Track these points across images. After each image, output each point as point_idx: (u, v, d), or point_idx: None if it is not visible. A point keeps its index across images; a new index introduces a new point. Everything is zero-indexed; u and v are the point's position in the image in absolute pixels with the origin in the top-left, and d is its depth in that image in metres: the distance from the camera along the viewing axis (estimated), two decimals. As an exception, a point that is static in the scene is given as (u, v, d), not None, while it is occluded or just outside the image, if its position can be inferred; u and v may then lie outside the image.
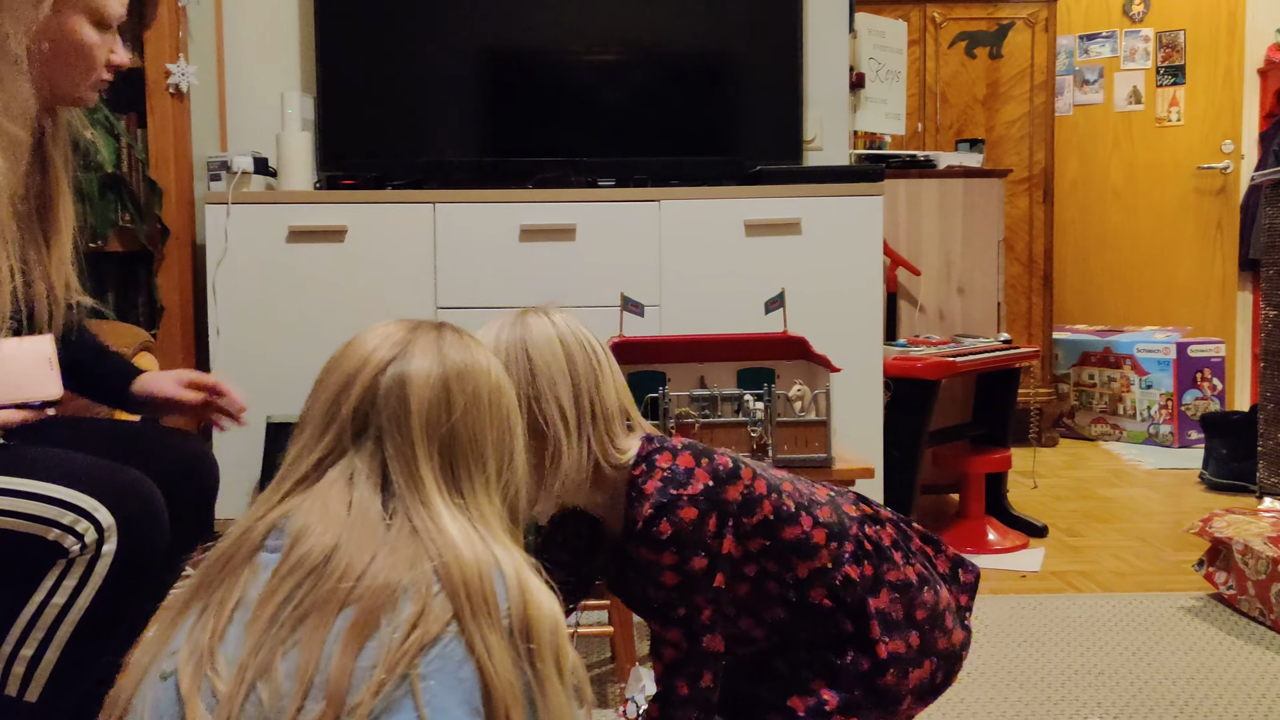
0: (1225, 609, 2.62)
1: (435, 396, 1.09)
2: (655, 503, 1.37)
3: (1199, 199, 5.22)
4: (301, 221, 2.92)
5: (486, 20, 3.27)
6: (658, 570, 1.36)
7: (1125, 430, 4.85)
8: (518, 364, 1.38)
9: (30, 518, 1.39)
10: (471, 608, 1.00)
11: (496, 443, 1.13)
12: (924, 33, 4.63)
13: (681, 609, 1.37)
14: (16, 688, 1.39)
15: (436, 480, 1.07)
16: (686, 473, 1.38)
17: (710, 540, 1.37)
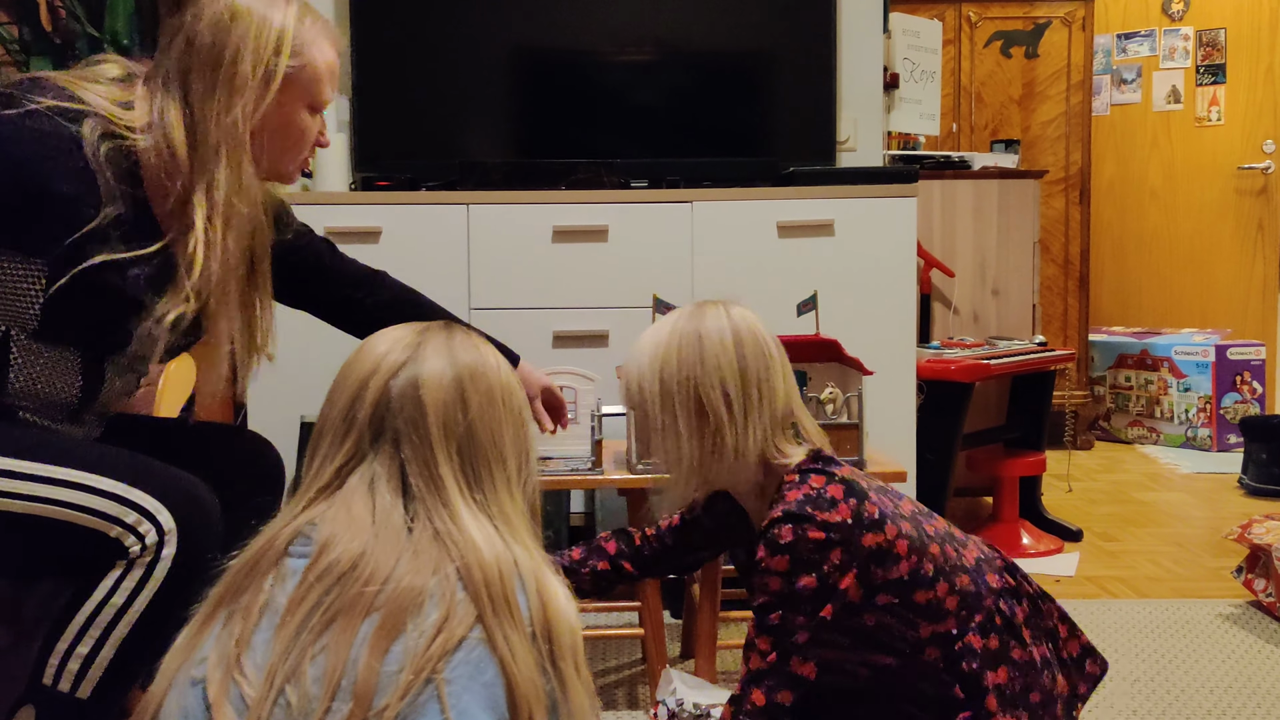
0: (1265, 616, 2.58)
1: (450, 397, 1.10)
2: (788, 510, 1.39)
3: (1239, 199, 5.15)
4: (337, 223, 2.93)
5: (520, 21, 3.28)
6: (766, 572, 1.38)
7: (1162, 433, 4.79)
8: (689, 348, 1.45)
9: (95, 513, 1.42)
10: (494, 608, 1.02)
11: (514, 440, 1.14)
12: (959, 32, 4.60)
13: (776, 616, 1.38)
14: (70, 684, 1.42)
15: (456, 480, 1.08)
16: (831, 501, 1.40)
17: (827, 570, 1.38)
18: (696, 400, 1.44)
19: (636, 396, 1.49)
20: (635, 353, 1.50)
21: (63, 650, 1.42)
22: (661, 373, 1.46)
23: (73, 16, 2.83)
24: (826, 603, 1.38)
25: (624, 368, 1.52)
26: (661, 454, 1.49)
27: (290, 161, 1.64)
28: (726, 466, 1.46)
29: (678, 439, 1.45)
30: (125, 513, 1.42)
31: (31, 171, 1.40)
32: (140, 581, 1.42)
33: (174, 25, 1.54)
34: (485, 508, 1.09)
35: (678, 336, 1.47)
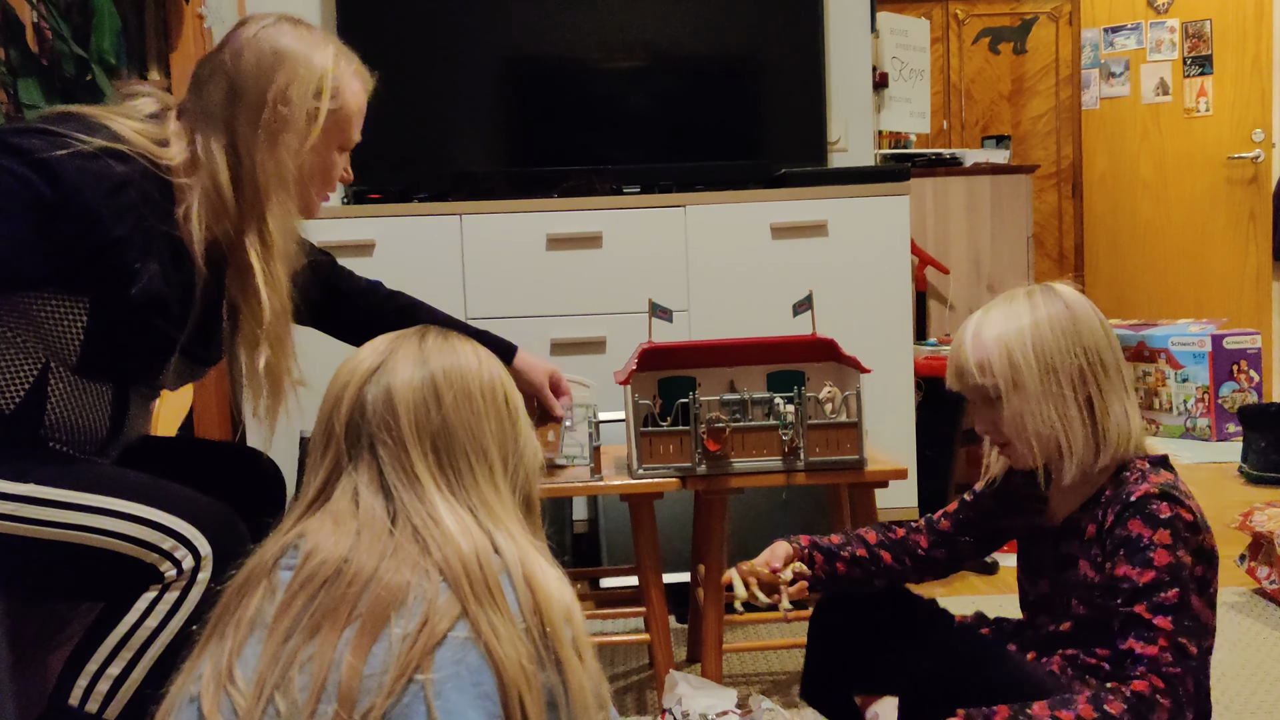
0: (1268, 604, 2.58)
1: (421, 397, 1.11)
2: (1160, 488, 1.39)
3: (1230, 189, 5.16)
4: (329, 236, 2.92)
5: (509, 31, 3.28)
6: (1147, 547, 1.36)
7: (1162, 424, 4.80)
8: (1063, 323, 1.46)
9: (135, 540, 1.43)
10: (476, 598, 1.01)
11: (498, 434, 1.14)
12: (947, 30, 4.61)
13: (1174, 594, 1.33)
14: (98, 705, 1.42)
15: (433, 477, 1.09)
16: (1187, 494, 1.41)
17: (1197, 550, 1.37)
18: (1079, 372, 1.44)
19: (1005, 372, 1.46)
20: (988, 331, 1.48)
21: (93, 671, 1.42)
22: (1036, 345, 1.45)
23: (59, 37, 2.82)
24: (1201, 588, 1.38)
25: (973, 348, 1.49)
26: (1034, 427, 1.46)
27: (318, 197, 1.67)
28: (1092, 441, 1.45)
29: (1062, 409, 1.44)
30: (163, 539, 1.44)
31: (90, 215, 1.40)
32: (175, 605, 1.44)
33: (212, 64, 1.56)
34: (465, 500, 1.09)
35: (1043, 313, 1.47)
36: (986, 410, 1.52)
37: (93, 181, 1.39)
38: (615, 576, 2.66)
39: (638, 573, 2.14)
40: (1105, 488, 1.46)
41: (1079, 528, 1.48)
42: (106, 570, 1.43)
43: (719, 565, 2.11)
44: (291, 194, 1.55)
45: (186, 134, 1.52)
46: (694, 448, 2.02)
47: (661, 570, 2.13)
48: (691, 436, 2.02)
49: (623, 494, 2.10)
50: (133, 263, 1.44)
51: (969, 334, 1.51)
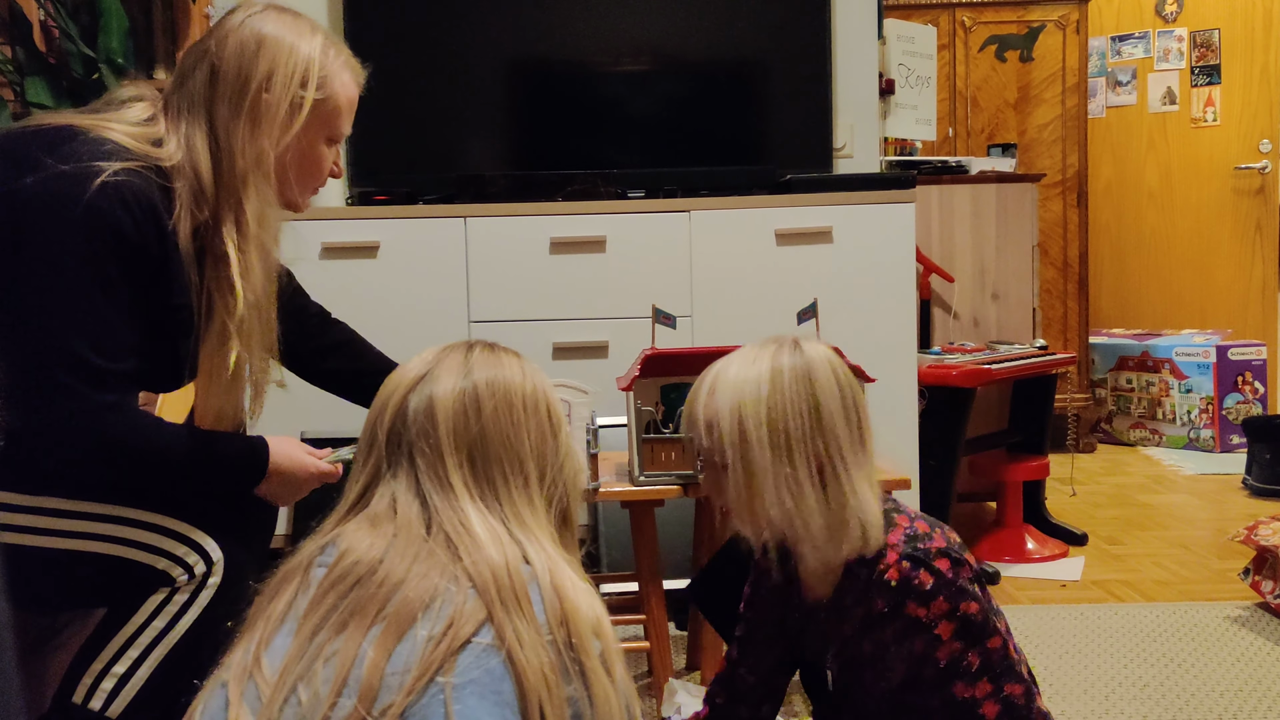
0: (1273, 619, 2.57)
1: (460, 406, 1.13)
2: (905, 554, 1.31)
3: (1237, 200, 5.15)
4: (334, 238, 2.93)
5: (516, 34, 3.28)
6: (931, 624, 1.31)
7: (1165, 435, 4.78)
8: (800, 386, 1.35)
9: (146, 548, 1.44)
10: (502, 602, 1.02)
11: (536, 447, 1.15)
12: (953, 37, 4.60)
13: (975, 657, 1.31)
14: (101, 702, 1.42)
15: (467, 485, 1.10)
16: (926, 534, 1.35)
17: (970, 589, 1.33)
18: (815, 443, 1.32)
19: (732, 438, 1.33)
20: (724, 388, 1.35)
21: (98, 670, 1.43)
22: (770, 412, 1.32)
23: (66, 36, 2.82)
24: (988, 621, 1.35)
25: (705, 404, 1.36)
26: (764, 503, 1.33)
27: (305, 192, 1.63)
28: (830, 515, 1.33)
29: (795, 488, 1.31)
30: (175, 545, 1.44)
31: (139, 240, 1.40)
32: (184, 607, 1.44)
33: (197, 51, 1.53)
34: (497, 511, 1.10)
35: (785, 372, 1.33)
36: (711, 473, 1.38)
37: (124, 208, 1.38)
38: (615, 583, 2.65)
39: (638, 580, 2.14)
40: (851, 564, 1.35)
41: (843, 609, 1.38)
42: (118, 577, 1.44)
43: (720, 573, 2.10)
44: (271, 183, 1.51)
45: (174, 128, 1.49)
46: (696, 455, 2.01)
47: (661, 577, 2.12)
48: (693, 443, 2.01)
49: (624, 501, 2.09)
50: (172, 276, 1.44)
51: (705, 384, 1.38)
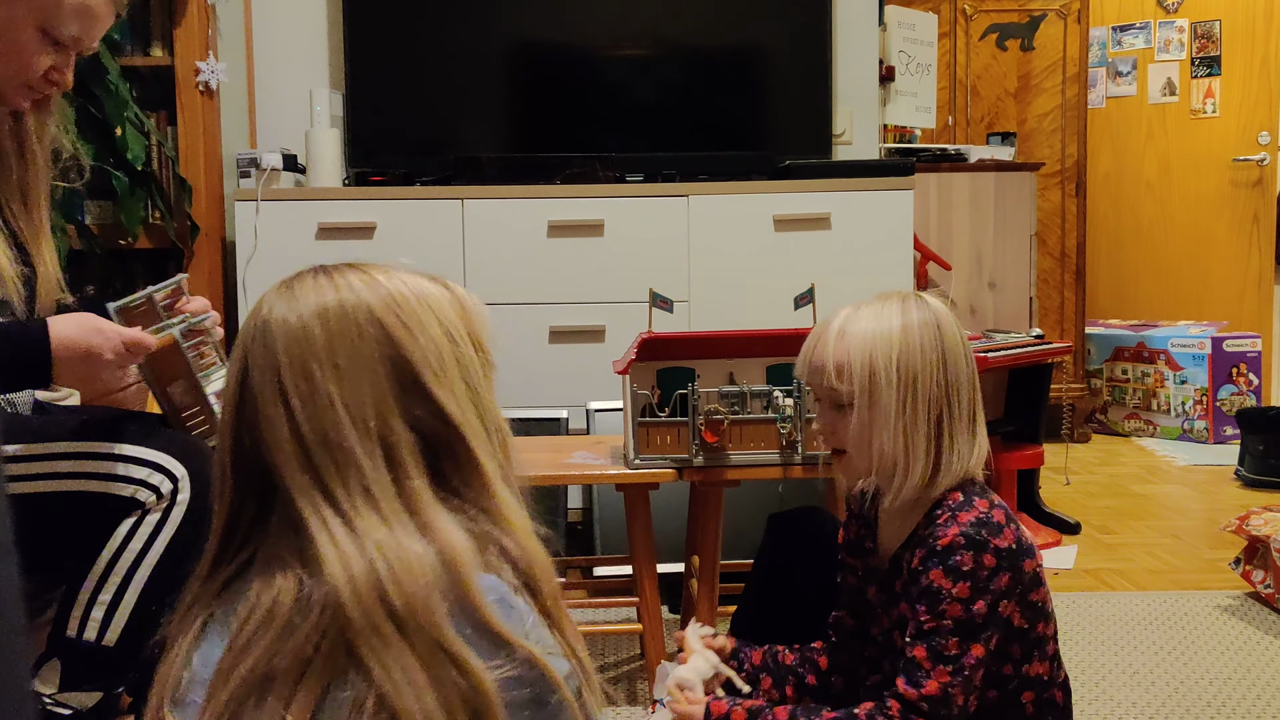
0: (1263, 608, 2.58)
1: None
2: (965, 534, 1.34)
3: (1235, 191, 5.15)
4: (331, 218, 2.92)
5: (515, 16, 3.27)
6: (943, 599, 1.34)
7: (1159, 426, 4.79)
8: (931, 339, 1.40)
9: (105, 477, 1.42)
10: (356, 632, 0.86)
11: (371, 392, 0.93)
12: (954, 25, 4.59)
13: (955, 647, 1.33)
14: (95, 632, 1.42)
15: (299, 478, 0.92)
16: (998, 526, 1.37)
17: (998, 595, 1.35)
18: (936, 394, 1.38)
19: (863, 380, 1.38)
20: (854, 330, 1.40)
21: (85, 600, 1.43)
22: (901, 357, 1.38)
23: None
24: (995, 632, 1.35)
25: (835, 348, 1.40)
26: (879, 444, 1.39)
27: (8, 79, 1.49)
28: (930, 469, 1.38)
29: (912, 431, 1.38)
30: (134, 469, 1.43)
31: None
32: (157, 526, 1.43)
33: None
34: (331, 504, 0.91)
35: (915, 323, 1.39)
36: (831, 414, 1.44)
37: None
38: (609, 566, 2.66)
39: (631, 563, 2.14)
40: (920, 526, 1.41)
41: (903, 567, 1.43)
42: (84, 514, 1.42)
43: (714, 557, 2.11)
44: None
45: None
46: (691, 439, 2.01)
47: (655, 561, 2.13)
48: (689, 428, 2.01)
49: (619, 484, 2.09)
50: None
51: (833, 330, 1.43)
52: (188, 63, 3.03)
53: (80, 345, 1.39)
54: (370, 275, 1.01)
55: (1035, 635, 1.41)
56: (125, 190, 2.91)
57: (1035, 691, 1.43)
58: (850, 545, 1.58)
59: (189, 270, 3.04)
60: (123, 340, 1.41)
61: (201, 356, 1.55)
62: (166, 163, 3.03)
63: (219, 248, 3.14)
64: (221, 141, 3.21)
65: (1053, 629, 1.45)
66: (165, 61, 3.06)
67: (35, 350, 1.37)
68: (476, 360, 0.98)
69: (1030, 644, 1.41)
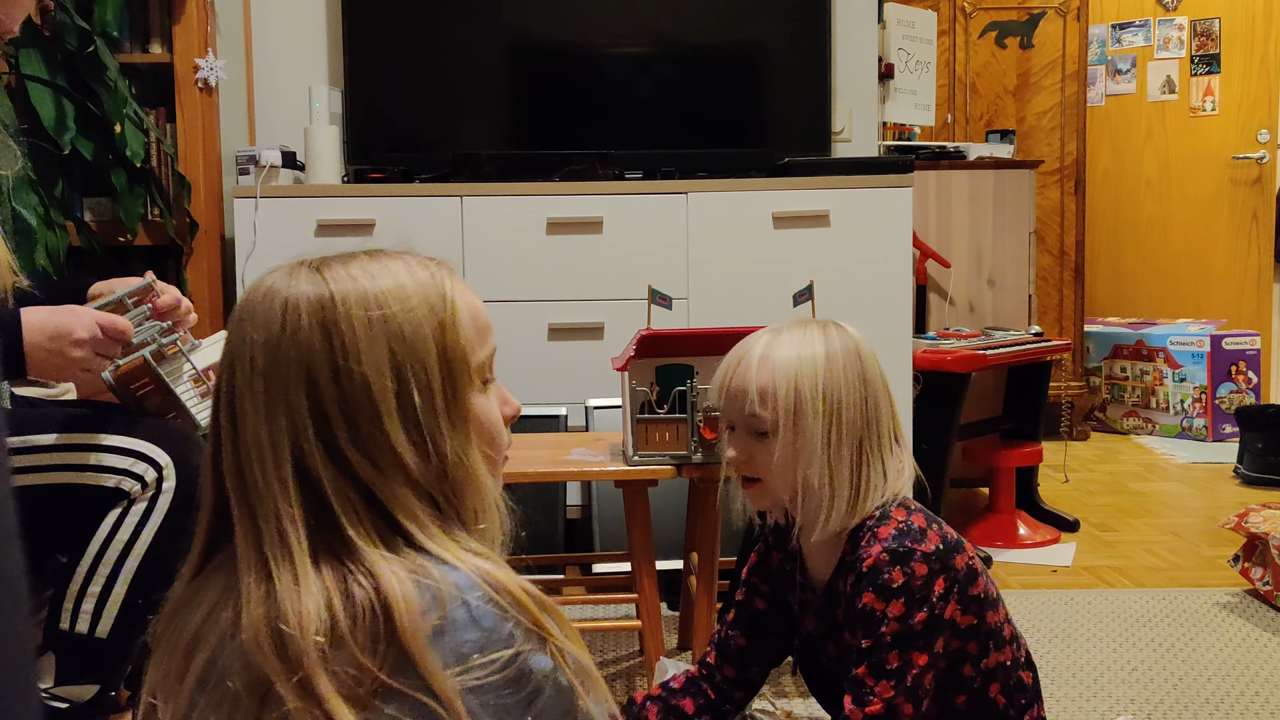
0: (1262, 605, 2.58)
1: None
2: (889, 549, 1.34)
3: (1234, 189, 5.15)
4: (329, 215, 2.92)
5: (514, 14, 3.26)
6: (880, 620, 1.33)
7: (1158, 424, 4.79)
8: (852, 367, 1.39)
9: (89, 468, 1.42)
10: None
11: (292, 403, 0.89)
12: (954, 23, 4.59)
13: (896, 660, 1.33)
14: (87, 625, 1.43)
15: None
16: (920, 531, 1.36)
17: (935, 600, 1.34)
18: (858, 423, 1.37)
19: (787, 407, 1.37)
20: (779, 356, 1.38)
21: (75, 592, 1.43)
22: (826, 385, 1.36)
23: (61, 8, 2.81)
24: (939, 636, 1.35)
25: (757, 374, 1.39)
26: (802, 475, 1.37)
27: None
28: (852, 500, 1.38)
29: (836, 461, 1.36)
30: (118, 460, 1.43)
31: None
32: (143, 516, 1.43)
33: None
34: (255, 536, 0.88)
35: (838, 350, 1.38)
36: (747, 442, 1.41)
37: None
38: (608, 563, 2.66)
39: (630, 559, 2.14)
40: (846, 552, 1.40)
41: (839, 594, 1.42)
42: (70, 507, 1.43)
43: (713, 553, 2.11)
44: None
45: None
46: (690, 436, 2.01)
47: (654, 557, 2.13)
48: (688, 424, 2.01)
49: (617, 480, 2.10)
50: None
51: (754, 355, 1.40)
52: (187, 60, 3.03)
53: (52, 331, 1.38)
54: (327, 282, 0.91)
55: (986, 627, 1.41)
56: (124, 187, 2.91)
57: (1001, 681, 1.43)
58: (769, 571, 1.57)
59: (188, 268, 3.04)
60: (97, 322, 1.41)
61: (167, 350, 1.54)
62: (165, 159, 3.03)
63: (218, 245, 3.14)
64: (220, 138, 3.21)
65: (1003, 613, 1.44)
66: (164, 58, 3.05)
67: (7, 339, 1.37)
68: (437, 387, 0.90)
69: (984, 637, 1.41)
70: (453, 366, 0.92)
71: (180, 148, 3.03)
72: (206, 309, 3.05)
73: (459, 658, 0.83)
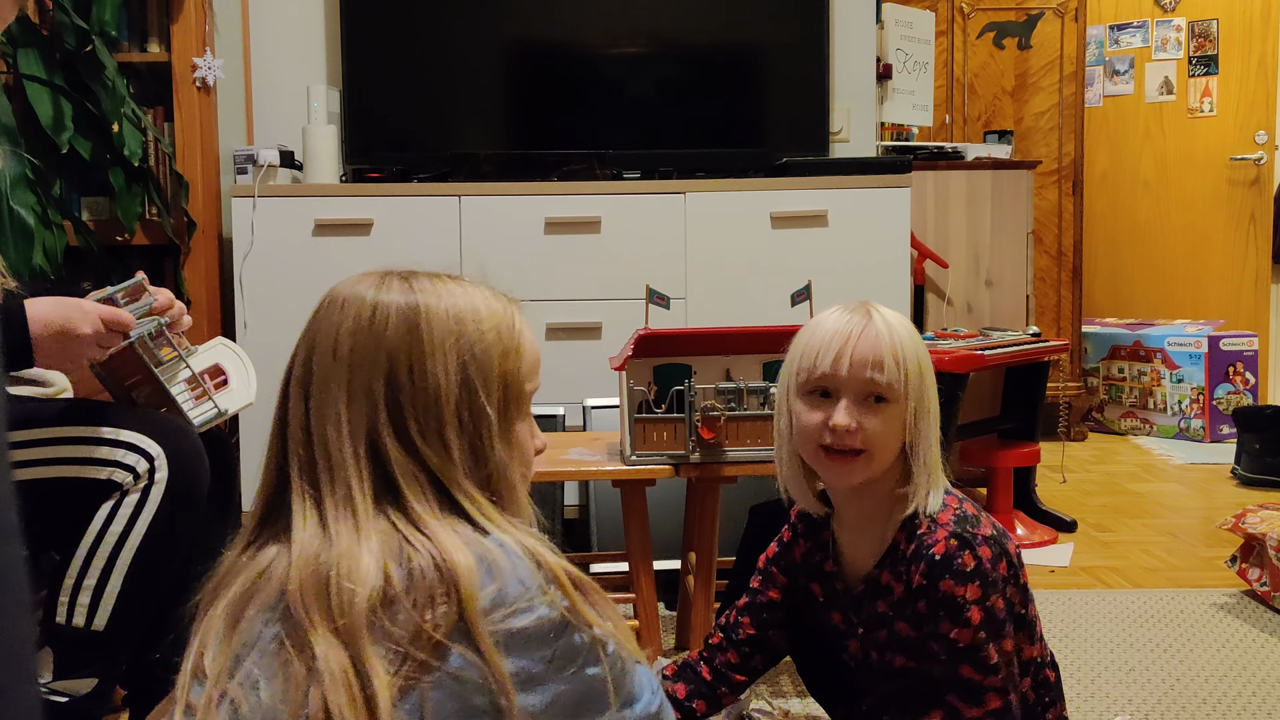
0: (1259, 606, 2.58)
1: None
2: (955, 534, 1.33)
3: (1231, 190, 5.16)
4: (327, 215, 2.92)
5: (512, 13, 3.26)
6: (962, 606, 1.31)
7: (1155, 424, 4.80)
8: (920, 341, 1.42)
9: (80, 461, 1.42)
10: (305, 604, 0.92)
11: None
12: (952, 23, 4.59)
13: (994, 651, 1.31)
14: (84, 618, 1.42)
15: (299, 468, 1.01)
16: (975, 517, 1.37)
17: (1002, 585, 1.34)
18: (933, 392, 1.41)
19: (915, 377, 1.39)
20: (900, 329, 1.40)
21: (70, 586, 1.42)
22: (921, 360, 1.40)
23: (60, 8, 2.81)
24: (1010, 622, 1.34)
25: (888, 341, 1.38)
26: (926, 446, 1.39)
27: None
28: (936, 473, 1.39)
29: (936, 432, 1.39)
30: (111, 452, 1.43)
31: None
32: (137, 507, 1.43)
33: None
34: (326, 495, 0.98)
35: (907, 326, 1.41)
36: (860, 411, 1.37)
37: None
38: (605, 562, 2.66)
39: (628, 559, 2.14)
40: (899, 541, 1.38)
41: (883, 586, 1.40)
42: (63, 500, 1.42)
43: (710, 553, 2.11)
44: None
45: None
46: (688, 435, 2.01)
47: (652, 557, 2.13)
48: (686, 424, 2.01)
49: (615, 480, 2.09)
50: None
51: (878, 325, 1.39)
52: (185, 59, 3.03)
53: (56, 322, 1.39)
54: (415, 292, 1.04)
55: (1028, 618, 1.41)
56: (122, 186, 2.91)
57: (1032, 675, 1.43)
58: (790, 563, 1.56)
59: (185, 267, 3.04)
60: (100, 316, 1.42)
61: (161, 351, 1.55)
62: (163, 159, 3.02)
63: (216, 244, 3.14)
64: (218, 138, 3.21)
65: (1034, 609, 1.44)
66: (162, 57, 3.05)
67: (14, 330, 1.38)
68: (490, 408, 1.00)
69: (1029, 627, 1.41)
70: (509, 389, 1.02)
71: (178, 147, 3.03)
72: (204, 308, 3.05)
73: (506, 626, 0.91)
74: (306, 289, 3.04)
